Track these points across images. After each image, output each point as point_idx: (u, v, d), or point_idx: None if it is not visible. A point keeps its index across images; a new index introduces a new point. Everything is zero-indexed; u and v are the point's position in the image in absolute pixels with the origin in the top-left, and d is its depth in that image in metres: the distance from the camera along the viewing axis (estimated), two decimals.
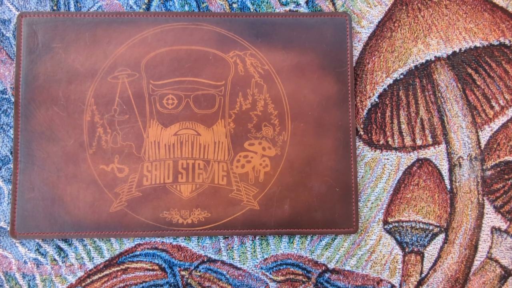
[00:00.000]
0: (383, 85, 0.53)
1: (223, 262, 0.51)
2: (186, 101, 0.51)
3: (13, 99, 0.51)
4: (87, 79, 0.50)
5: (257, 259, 0.51)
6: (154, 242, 0.51)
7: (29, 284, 0.50)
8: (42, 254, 0.50)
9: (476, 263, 0.52)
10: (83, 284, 0.50)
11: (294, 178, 0.51)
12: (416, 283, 0.52)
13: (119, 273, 0.50)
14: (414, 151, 0.53)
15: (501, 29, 0.54)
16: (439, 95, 0.53)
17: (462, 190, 0.52)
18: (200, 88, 0.51)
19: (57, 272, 0.50)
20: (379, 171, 0.52)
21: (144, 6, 0.53)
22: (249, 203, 0.50)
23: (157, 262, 0.51)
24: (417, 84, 0.53)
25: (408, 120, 0.53)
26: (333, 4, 0.54)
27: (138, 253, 0.51)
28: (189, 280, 0.50)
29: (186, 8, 0.53)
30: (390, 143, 0.53)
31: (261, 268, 0.51)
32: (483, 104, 0.54)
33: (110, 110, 0.50)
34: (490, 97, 0.54)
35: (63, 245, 0.51)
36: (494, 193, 0.53)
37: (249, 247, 0.51)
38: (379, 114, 0.53)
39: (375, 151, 0.53)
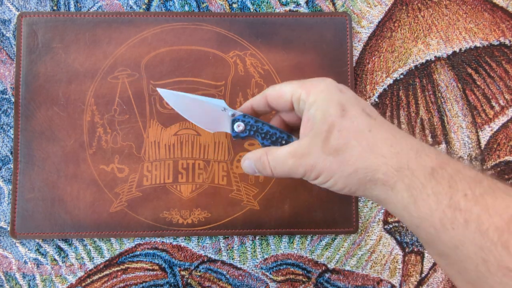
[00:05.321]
0: (383, 85, 0.53)
1: (223, 262, 0.51)
2: None
3: (13, 99, 0.51)
4: (87, 79, 0.50)
5: (257, 259, 0.51)
6: (154, 242, 0.51)
7: (29, 284, 0.50)
8: (42, 254, 0.50)
9: None
10: (83, 284, 0.50)
11: (294, 178, 0.50)
12: (416, 283, 0.52)
13: (119, 273, 0.50)
14: None
15: (501, 29, 0.54)
16: (439, 95, 0.53)
17: None
18: (200, 88, 0.51)
19: (57, 272, 0.50)
20: None
21: (144, 6, 0.53)
22: (249, 203, 0.50)
23: (157, 262, 0.51)
24: (417, 84, 0.53)
25: (408, 120, 0.53)
26: (333, 4, 0.54)
27: (138, 253, 0.51)
28: (189, 280, 0.50)
29: (186, 8, 0.53)
30: None
31: (261, 268, 0.51)
32: (483, 104, 0.54)
33: (110, 110, 0.50)
34: (490, 97, 0.54)
35: (63, 245, 0.50)
36: None
37: (249, 247, 0.51)
38: None
39: None
